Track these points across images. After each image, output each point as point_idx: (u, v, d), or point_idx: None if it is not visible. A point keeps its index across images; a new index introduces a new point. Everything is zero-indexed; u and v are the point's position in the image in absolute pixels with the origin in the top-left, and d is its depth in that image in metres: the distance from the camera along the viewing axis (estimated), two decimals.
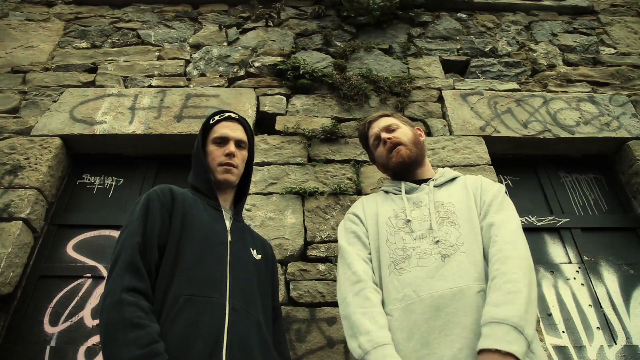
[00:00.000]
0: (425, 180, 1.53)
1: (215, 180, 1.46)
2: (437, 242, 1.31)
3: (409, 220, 1.40)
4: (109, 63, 2.94)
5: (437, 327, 1.14)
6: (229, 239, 1.36)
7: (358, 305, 1.26)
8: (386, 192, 1.58)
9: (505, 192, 1.44)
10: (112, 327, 1.02)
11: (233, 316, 1.18)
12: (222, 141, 1.48)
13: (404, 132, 1.60)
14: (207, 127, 1.53)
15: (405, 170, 1.55)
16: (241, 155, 1.51)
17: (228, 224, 1.41)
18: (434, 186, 1.49)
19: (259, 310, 1.30)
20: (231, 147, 1.47)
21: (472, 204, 1.39)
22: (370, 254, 1.41)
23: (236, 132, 1.51)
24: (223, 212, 1.43)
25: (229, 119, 1.54)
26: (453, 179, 1.53)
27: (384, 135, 1.58)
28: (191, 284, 1.17)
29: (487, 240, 1.29)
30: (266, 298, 1.40)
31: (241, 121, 1.57)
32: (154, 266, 1.18)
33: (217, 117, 1.53)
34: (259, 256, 1.45)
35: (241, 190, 1.59)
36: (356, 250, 1.41)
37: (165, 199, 1.30)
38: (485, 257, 1.28)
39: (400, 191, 1.52)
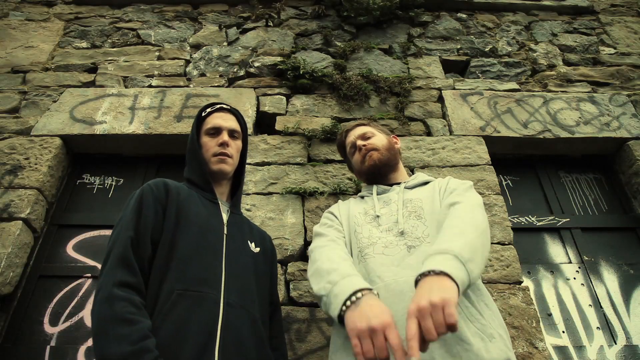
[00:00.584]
0: (399, 184, 1.57)
1: (210, 171, 1.44)
2: (402, 233, 1.33)
3: (378, 216, 1.44)
4: (109, 63, 2.94)
5: (400, 310, 1.14)
6: (225, 232, 1.35)
7: (325, 256, 1.28)
8: (361, 197, 1.62)
9: (471, 186, 1.45)
10: (103, 322, 1.01)
11: (227, 312, 1.17)
12: (216, 132, 1.47)
13: (379, 139, 1.65)
14: (199, 121, 1.52)
15: (377, 174, 1.60)
16: (235, 145, 1.50)
17: (225, 216, 1.40)
18: (405, 187, 1.53)
19: (254, 306, 1.28)
20: (224, 136, 1.45)
21: (437, 198, 1.42)
22: (344, 237, 1.46)
23: (229, 122, 1.50)
24: (220, 204, 1.42)
25: (221, 109, 1.53)
26: (426, 183, 1.56)
27: (359, 142, 1.64)
28: (185, 279, 1.16)
29: (444, 216, 1.30)
30: (263, 292, 1.39)
31: (234, 112, 1.56)
32: (147, 261, 1.16)
33: (209, 109, 1.52)
34: (257, 249, 1.44)
35: (237, 182, 1.57)
36: (330, 231, 1.46)
37: (159, 192, 1.29)
38: None
39: (372, 193, 1.57)
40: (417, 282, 1.01)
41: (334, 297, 1.10)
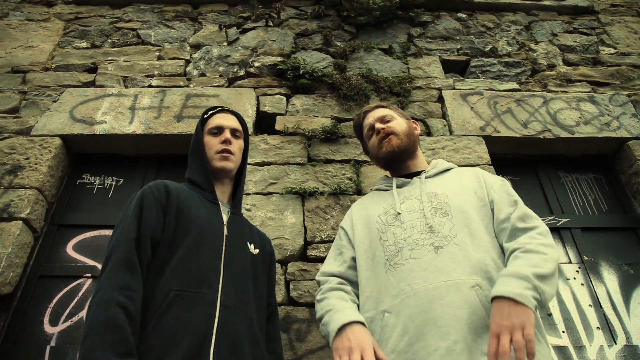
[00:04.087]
0: (418, 173, 1.52)
1: (213, 168, 1.45)
2: (431, 228, 1.29)
3: (399, 213, 1.39)
4: (109, 63, 2.94)
5: (432, 319, 1.11)
6: (225, 232, 1.35)
7: (333, 296, 1.36)
8: (377, 189, 1.58)
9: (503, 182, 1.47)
10: (95, 325, 1.02)
11: (223, 313, 1.17)
12: (218, 130, 1.50)
13: (399, 122, 1.59)
14: (202, 122, 1.55)
15: (395, 161, 1.54)
16: (237, 144, 1.53)
17: (225, 217, 1.40)
18: (426, 177, 1.48)
19: (251, 307, 1.29)
20: (227, 134, 1.49)
21: (470, 198, 1.37)
22: (349, 266, 1.45)
23: (230, 121, 1.54)
24: (220, 205, 1.42)
25: (223, 111, 1.58)
26: (447, 170, 1.52)
27: (378, 125, 1.57)
28: (182, 279, 1.16)
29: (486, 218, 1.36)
30: (261, 294, 1.39)
31: (235, 114, 1.60)
32: (146, 263, 1.17)
33: (211, 112, 1.57)
34: (257, 251, 1.44)
35: (238, 183, 1.59)
36: (334, 265, 1.47)
37: (159, 194, 1.29)
38: (485, 247, 1.27)
39: (391, 187, 1.51)
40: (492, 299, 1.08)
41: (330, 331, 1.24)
